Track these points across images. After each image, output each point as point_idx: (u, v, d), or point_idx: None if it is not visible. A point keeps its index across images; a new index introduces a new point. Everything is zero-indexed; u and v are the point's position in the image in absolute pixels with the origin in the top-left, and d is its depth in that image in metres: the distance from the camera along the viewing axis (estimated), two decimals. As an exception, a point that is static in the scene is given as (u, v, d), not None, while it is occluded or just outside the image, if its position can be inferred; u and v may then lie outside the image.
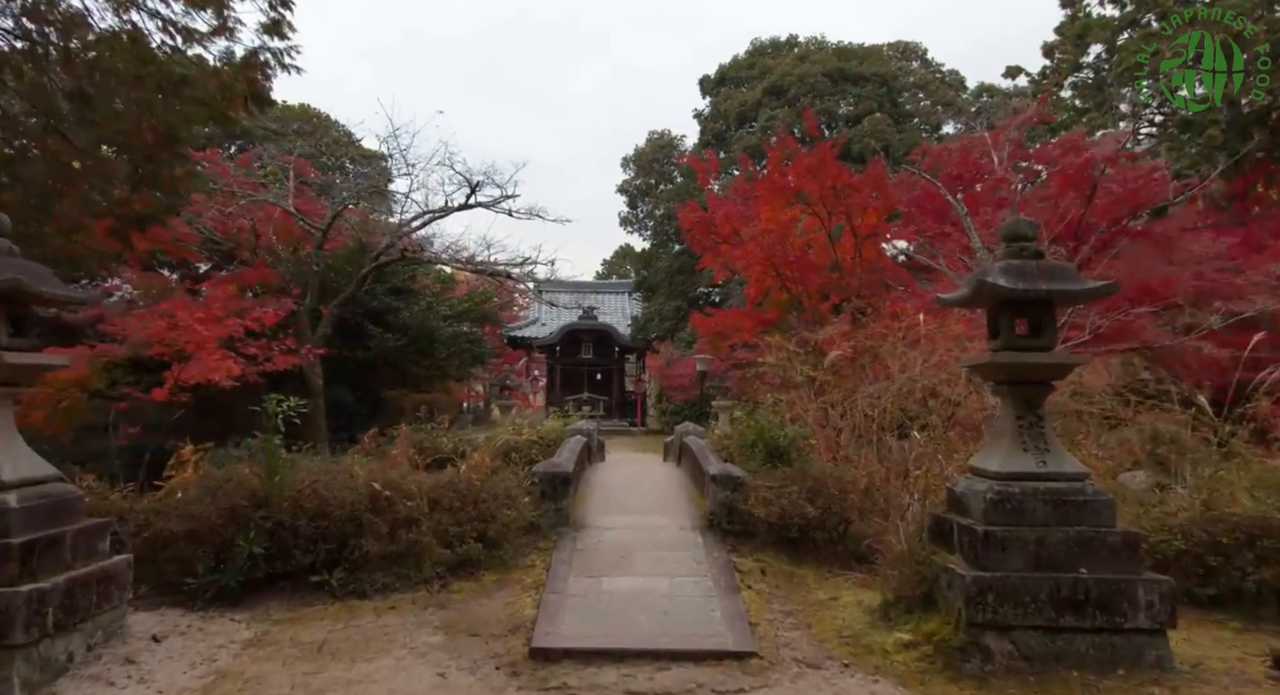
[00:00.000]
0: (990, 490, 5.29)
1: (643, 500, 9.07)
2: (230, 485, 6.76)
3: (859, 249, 14.26)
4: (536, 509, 7.56)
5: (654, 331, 30.15)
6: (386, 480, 6.98)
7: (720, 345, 15.95)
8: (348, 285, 17.02)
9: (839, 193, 13.53)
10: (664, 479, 10.84)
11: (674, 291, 30.14)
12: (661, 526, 7.83)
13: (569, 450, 9.36)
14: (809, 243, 14.76)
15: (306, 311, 16.78)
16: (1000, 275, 5.33)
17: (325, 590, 6.43)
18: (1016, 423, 5.50)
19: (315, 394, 16.84)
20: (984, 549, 5.11)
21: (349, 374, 19.04)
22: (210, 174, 16.98)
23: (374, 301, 18.17)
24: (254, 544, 6.25)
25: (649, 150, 32.27)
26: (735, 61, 32.61)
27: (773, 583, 6.77)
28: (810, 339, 9.27)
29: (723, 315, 15.27)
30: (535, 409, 36.02)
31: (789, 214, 14.39)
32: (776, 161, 13.97)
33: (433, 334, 18.31)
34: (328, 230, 16.44)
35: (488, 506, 7.03)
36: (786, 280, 14.63)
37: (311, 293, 16.79)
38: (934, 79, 34.53)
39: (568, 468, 7.87)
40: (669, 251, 31.53)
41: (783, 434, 8.10)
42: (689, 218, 15.72)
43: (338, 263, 17.96)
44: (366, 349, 17.82)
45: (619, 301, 38.58)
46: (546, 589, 6.35)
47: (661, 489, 9.87)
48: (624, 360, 36.60)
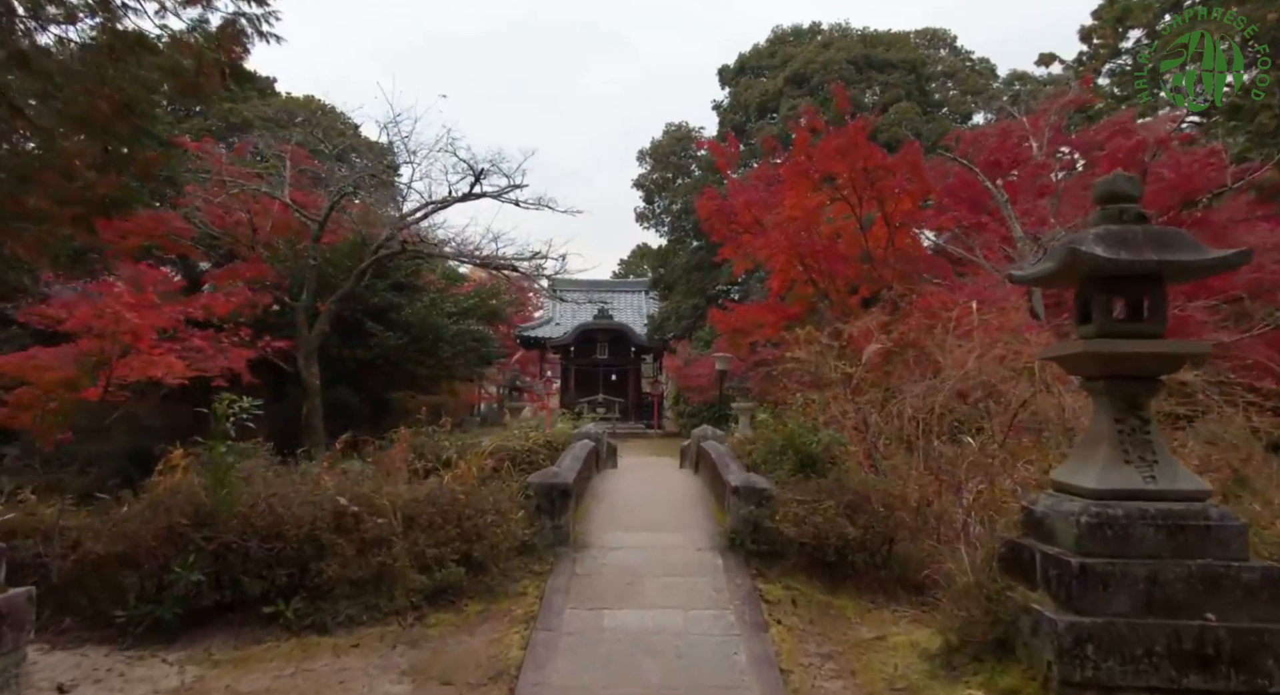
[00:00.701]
0: (1085, 512, 4.22)
1: (655, 514, 8.03)
2: (174, 499, 5.82)
3: (892, 238, 13.16)
4: (531, 526, 6.56)
5: (671, 330, 29.12)
6: (355, 494, 6.01)
7: (741, 342, 14.88)
8: (347, 281, 16.14)
9: (870, 176, 12.44)
10: (679, 488, 9.79)
11: (692, 289, 29.09)
12: (675, 546, 6.79)
13: (572, 458, 8.36)
14: (838, 231, 13.67)
15: (303, 308, 15.93)
16: (1097, 243, 4.27)
17: (279, 624, 5.47)
18: (1115, 427, 4.42)
19: (312, 394, 16.00)
20: (1080, 587, 4.05)
21: (351, 374, 18.19)
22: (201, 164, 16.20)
23: (375, 298, 17.29)
24: (193, 570, 5.30)
25: (666, 143, 31.25)
26: (756, 50, 31.53)
27: (806, 616, 5.72)
28: (844, 332, 8.20)
29: (743, 310, 14.22)
30: (548, 411, 35.16)
31: (816, 200, 13.31)
32: (802, 142, 12.90)
33: (437, 332, 17.40)
34: (324, 222, 15.58)
35: (474, 524, 6.04)
36: (813, 271, 13.55)
37: (308, 288, 15.94)
38: (963, 67, 33.24)
39: (567, 479, 6.85)
40: (687, 247, 30.50)
41: (815, 439, 7.06)
42: (707, 206, 14.68)
43: (337, 257, 17.10)
44: (367, 348, 16.95)
45: (635, 300, 37.61)
46: (538, 624, 5.35)
47: (676, 500, 8.83)
48: (640, 360, 35.63)
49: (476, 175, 15.34)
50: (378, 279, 17.70)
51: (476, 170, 15.31)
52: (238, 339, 15.59)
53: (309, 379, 15.89)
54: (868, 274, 13.54)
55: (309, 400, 16.08)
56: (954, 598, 4.86)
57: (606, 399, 33.01)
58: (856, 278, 13.84)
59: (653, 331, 30.75)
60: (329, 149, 15.65)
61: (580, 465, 8.04)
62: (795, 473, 7.01)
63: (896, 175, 12.42)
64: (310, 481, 6.57)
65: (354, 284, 16.10)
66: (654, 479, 11.21)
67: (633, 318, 35.36)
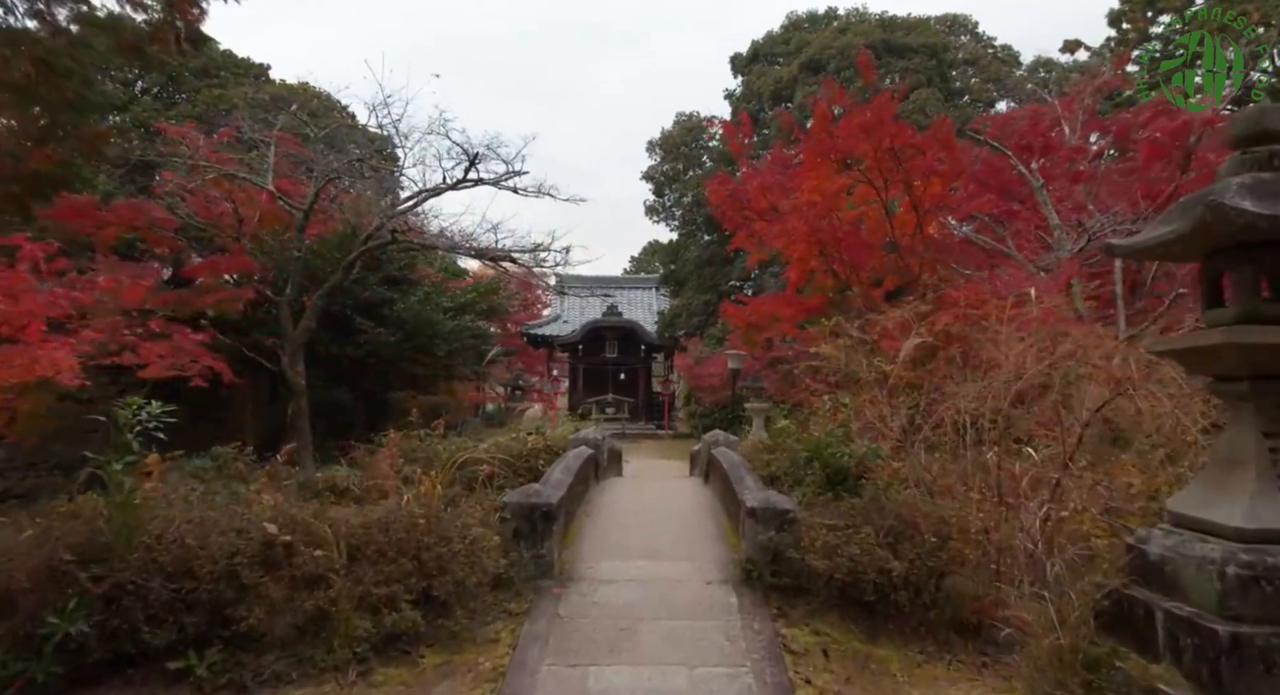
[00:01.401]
0: (1231, 560, 3.11)
1: (658, 535, 6.91)
2: (69, 526, 4.78)
3: (920, 224, 11.99)
4: (507, 555, 5.48)
5: (682, 327, 28.01)
6: (290, 519, 4.94)
7: (756, 338, 13.74)
8: (337, 274, 15.14)
9: (898, 156, 11.28)
10: (688, 501, 8.68)
11: (703, 284, 27.97)
12: (681, 579, 5.68)
13: (562, 469, 7.26)
14: (861, 217, 12.52)
15: (287, 303, 14.94)
16: (1244, 195, 3.14)
17: (189, 682, 4.42)
18: (1265, 444, 3.30)
19: (298, 395, 15.01)
20: (1232, 667, 2.93)
21: (346, 374, 17.23)
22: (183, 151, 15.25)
23: (366, 292, 16.30)
24: (74, 618, 4.25)
25: (677, 133, 30.11)
26: (769, 37, 30.34)
27: (841, 672, 4.61)
28: (877, 323, 7.06)
29: (758, 304, 13.10)
30: (555, 411, 34.13)
31: (837, 183, 12.16)
32: (823, 119, 11.76)
33: (432, 328, 16.39)
34: (310, 210, 14.57)
35: (435, 555, 4.96)
36: (834, 261, 12.40)
37: (292, 281, 14.95)
38: (985, 54, 31.95)
39: (550, 498, 5.74)
40: (698, 241, 29.36)
41: (846, 451, 5.95)
42: (718, 191, 13.56)
43: (325, 249, 16.11)
44: (357, 345, 15.96)
45: (646, 297, 36.55)
46: (506, 684, 4.28)
47: (684, 517, 7.72)
48: (650, 359, 34.57)
49: (471, 159, 14.29)
50: (369, 272, 16.72)
51: (471, 154, 14.26)
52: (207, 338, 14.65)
53: (294, 379, 14.89)
54: (894, 264, 12.38)
55: (294, 401, 15.10)
56: (1037, 662, 3.75)
57: (616, 399, 31.99)
58: (881, 268, 12.69)
59: (663, 329, 29.65)
60: (315, 131, 14.63)
61: (572, 478, 6.95)
62: (823, 490, 5.91)
63: (927, 154, 11.26)
64: (243, 503, 5.53)
65: (342, 277, 15.09)
66: (660, 490, 10.09)
67: (643, 315, 34.31)
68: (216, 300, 15.19)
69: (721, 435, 10.21)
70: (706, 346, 24.17)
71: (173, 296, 15.41)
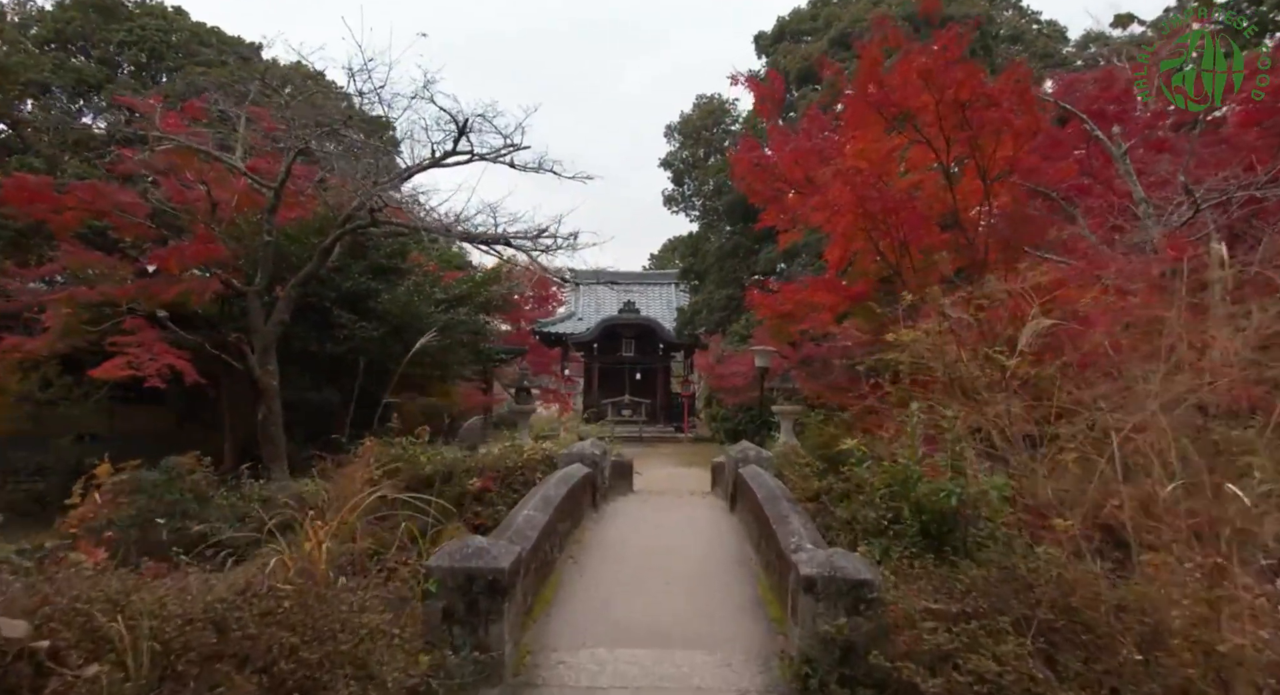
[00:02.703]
0: None
1: (668, 599, 4.92)
2: None
3: (988, 193, 9.94)
4: (431, 651, 3.56)
5: (702, 324, 26.01)
6: (64, 611, 3.04)
7: (788, 332, 11.73)
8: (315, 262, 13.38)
9: (965, 110, 9.26)
10: (711, 540, 6.69)
11: (725, 277, 25.94)
12: (702, 688, 3.72)
13: (540, 501, 5.31)
14: (916, 186, 10.48)
15: (256, 294, 13.20)
16: None
17: None
18: None
19: (268, 397, 13.24)
20: None
21: (333, 373, 15.45)
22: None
23: (348, 282, 14.50)
24: None
25: (696, 117, 28.10)
26: (796, 13, 28.24)
27: None
28: (990, 295, 5.02)
29: (791, 291, 11.11)
30: (569, 412, 32.25)
31: (887, 144, 10.15)
32: (872, 66, 9.73)
33: (421, 322, 14.55)
34: (281, 187, 12.79)
35: (302, 663, 3.07)
36: (883, 238, 10.39)
37: (262, 270, 13.19)
38: (1030, 29, 29.64)
39: (499, 561, 3.74)
40: (720, 232, 27.35)
41: (953, 489, 3.94)
42: (744, 160, 11.57)
43: (302, 234, 14.35)
44: (337, 341, 14.17)
45: (665, 293, 34.62)
46: None
47: (705, 567, 5.73)
48: (669, 358, 32.64)
49: (461, 127, 12.41)
50: (353, 260, 14.93)
51: (461, 122, 12.39)
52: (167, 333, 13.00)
53: (264, 379, 13.13)
54: (954, 242, 10.34)
55: (265, 404, 13.34)
56: None
57: (633, 400, 30.14)
58: (939, 248, 10.65)
59: (682, 326, 27.68)
60: (284, 100, 12.85)
61: (549, 515, 5.01)
62: (918, 547, 3.95)
63: (1001, 105, 9.23)
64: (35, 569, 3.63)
65: (317, 264, 13.29)
66: (675, 522, 8.00)
67: (661, 312, 32.39)
68: (180, 292, 13.51)
69: (752, 450, 8.18)
70: (729, 344, 22.19)
71: (134, 288, 13.78)
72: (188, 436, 17.48)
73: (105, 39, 19.25)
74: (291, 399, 16.92)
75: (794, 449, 12.18)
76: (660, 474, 17.27)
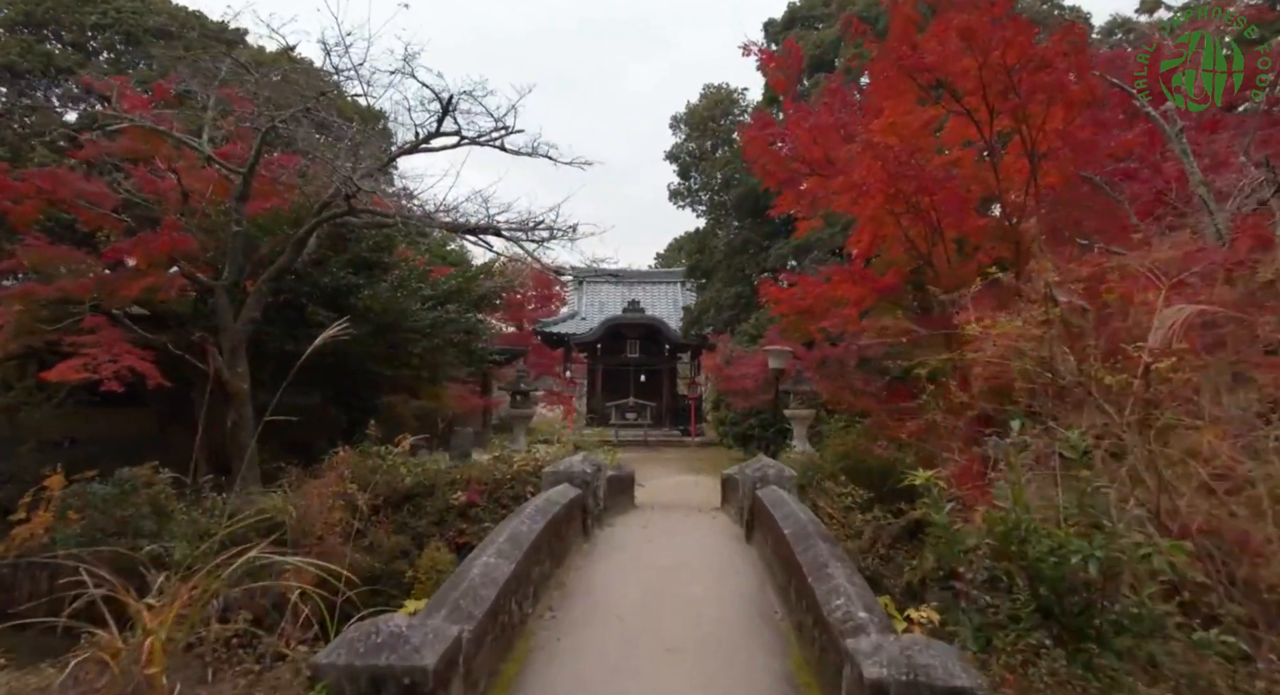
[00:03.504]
0: None
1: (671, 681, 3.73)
2: None
3: (1034, 173, 8.72)
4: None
5: (710, 323, 24.83)
6: None
7: (806, 329, 10.53)
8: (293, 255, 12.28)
9: (1013, 75, 8.07)
10: (723, 584, 5.45)
11: (733, 275, 24.76)
12: None
13: (501, 548, 4.08)
14: (954, 163, 9.28)
15: (224, 289, 12.11)
16: None
17: None
18: None
19: (239, 402, 12.16)
20: None
21: (319, 376, 14.34)
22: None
23: (327, 278, 13.38)
24: None
25: (703, 107, 26.89)
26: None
27: None
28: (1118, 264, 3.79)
29: (811, 285, 9.90)
30: (573, 414, 31.10)
31: (921, 116, 8.97)
32: (904, 24, 8.55)
33: (406, 321, 13.43)
34: (251, 171, 11.70)
35: None
36: (913, 225, 9.21)
37: (231, 263, 12.11)
38: (1052, 15, 28.34)
39: (422, 657, 2.51)
40: (728, 227, 26.15)
41: (1091, 553, 2.68)
42: (758, 140, 10.39)
43: (276, 224, 13.25)
44: (313, 342, 13.00)
45: (670, 292, 33.47)
46: None
47: (718, 626, 4.51)
48: (675, 359, 31.47)
49: (445, 106, 11.29)
50: (334, 254, 13.81)
51: (445, 100, 11.27)
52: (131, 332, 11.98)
53: (233, 382, 12.04)
54: (996, 228, 9.14)
55: (235, 409, 12.26)
56: None
57: (637, 403, 29.00)
58: (977, 235, 9.46)
59: (689, 326, 26.51)
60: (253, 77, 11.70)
61: (518, 561, 3.84)
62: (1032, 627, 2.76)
63: (1055, 67, 8.03)
64: None
65: (291, 257, 12.19)
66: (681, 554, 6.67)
67: (667, 312, 31.24)
68: (144, 287, 12.45)
69: (771, 467, 6.94)
70: (737, 344, 20.99)
71: (94, 283, 12.74)
72: (170, 441, 16.39)
73: (78, 22, 18.20)
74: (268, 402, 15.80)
75: (812, 460, 10.97)
76: (666, 483, 16.10)
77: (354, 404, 18.02)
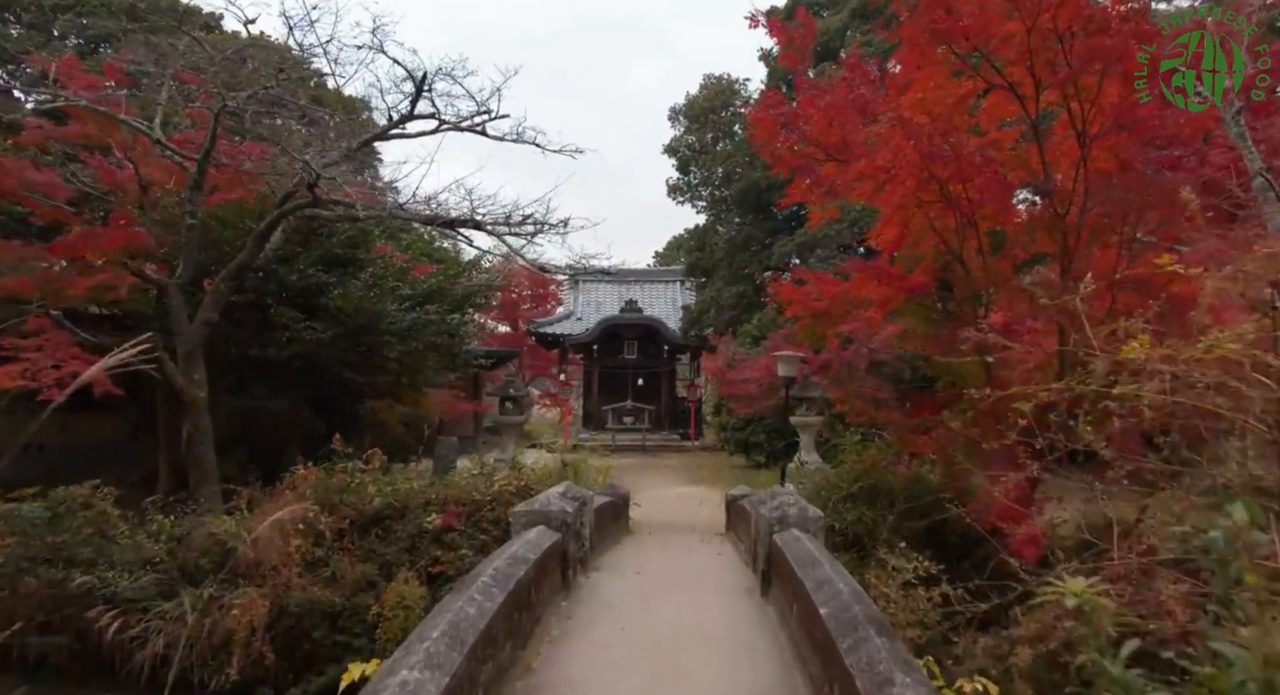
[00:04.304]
0: None
1: None
2: None
3: (1084, 156, 7.60)
4: None
5: (710, 324, 23.72)
6: None
7: (823, 333, 9.39)
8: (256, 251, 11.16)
9: (1064, 41, 6.97)
10: (740, 674, 4.31)
11: (735, 274, 23.66)
12: None
13: (444, 637, 2.98)
14: (993, 144, 8.15)
15: (176, 287, 10.98)
16: None
17: None
18: None
19: (195, 411, 11.02)
20: None
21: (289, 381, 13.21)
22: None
23: (294, 275, 12.25)
24: None
25: (703, 99, 25.76)
26: (813, -16, 25.89)
27: None
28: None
29: (828, 283, 8.74)
30: (569, 416, 29.98)
31: (956, 91, 7.86)
32: (938, -16, 7.46)
33: (381, 322, 12.29)
34: (206, 159, 10.58)
35: None
36: (942, 216, 8.11)
37: (186, 259, 10.98)
38: (1067, 2, 27.27)
39: None
40: (729, 224, 25.06)
41: None
42: (766, 120, 9.26)
43: (239, 218, 12.12)
44: (280, 345, 11.90)
45: (669, 292, 32.36)
46: None
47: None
48: (674, 361, 30.38)
49: (419, 85, 10.16)
50: (303, 250, 12.67)
51: (419, 77, 10.14)
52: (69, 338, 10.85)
53: (189, 390, 10.90)
54: (1039, 219, 8.02)
55: (191, 420, 11.12)
56: None
57: (635, 406, 27.91)
58: (1015, 226, 8.34)
59: (689, 326, 25.40)
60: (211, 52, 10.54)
61: (454, 672, 2.72)
62: None
63: (1114, 32, 6.94)
64: None
65: (252, 252, 11.06)
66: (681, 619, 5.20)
67: (666, 311, 30.14)
68: (93, 286, 11.34)
69: (791, 505, 5.68)
70: (740, 346, 19.87)
71: (38, 280, 11.61)
72: (141, 448, 15.27)
73: (36, 2, 17.08)
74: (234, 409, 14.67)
75: (826, 479, 9.87)
76: (665, 496, 15.01)
77: (334, 410, 16.86)
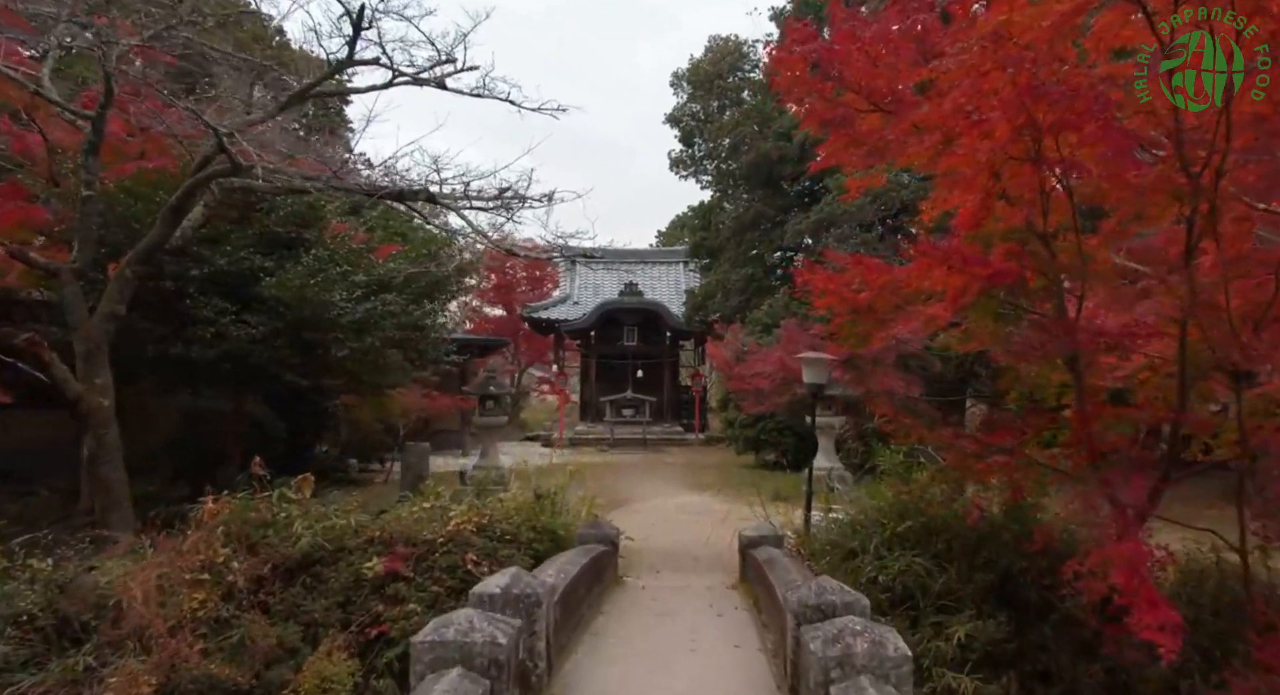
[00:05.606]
0: None
1: None
2: None
3: (1230, 100, 5.53)
4: None
5: (716, 309, 21.71)
6: None
7: (867, 331, 7.33)
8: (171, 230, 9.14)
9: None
10: None
11: (744, 255, 21.62)
12: None
13: None
14: (1106, 79, 6.09)
15: (71, 273, 8.98)
16: None
17: None
18: None
19: (98, 424, 9.05)
20: None
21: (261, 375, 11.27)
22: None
23: (223, 259, 10.24)
24: None
25: (708, 62, 23.56)
26: (828, -64, 23.58)
27: None
28: None
29: (874, 269, 6.67)
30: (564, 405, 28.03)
31: (1057, 8, 5.79)
32: None
33: (328, 314, 10.28)
34: (102, 115, 8.51)
35: None
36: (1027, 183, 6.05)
37: (82, 239, 8.97)
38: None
39: None
40: (736, 200, 22.97)
41: None
42: (790, 61, 7.12)
43: (152, 190, 10.11)
44: (205, 343, 9.91)
45: (671, 274, 30.35)
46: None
47: None
48: (677, 348, 28.42)
49: (355, 21, 8.08)
50: (234, 229, 10.66)
51: (356, 11, 8.05)
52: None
53: (89, 399, 8.93)
54: (1161, 183, 5.97)
55: (92, 435, 9.14)
56: None
57: (635, 397, 26.00)
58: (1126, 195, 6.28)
59: (693, 311, 23.39)
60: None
61: None
62: None
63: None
64: None
65: (164, 230, 9.04)
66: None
67: (668, 295, 28.15)
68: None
69: (858, 636, 3.63)
70: (749, 334, 17.87)
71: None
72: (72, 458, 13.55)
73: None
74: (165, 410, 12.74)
75: (865, 514, 7.88)
76: (666, 509, 13.10)
77: (298, 410, 14.95)
